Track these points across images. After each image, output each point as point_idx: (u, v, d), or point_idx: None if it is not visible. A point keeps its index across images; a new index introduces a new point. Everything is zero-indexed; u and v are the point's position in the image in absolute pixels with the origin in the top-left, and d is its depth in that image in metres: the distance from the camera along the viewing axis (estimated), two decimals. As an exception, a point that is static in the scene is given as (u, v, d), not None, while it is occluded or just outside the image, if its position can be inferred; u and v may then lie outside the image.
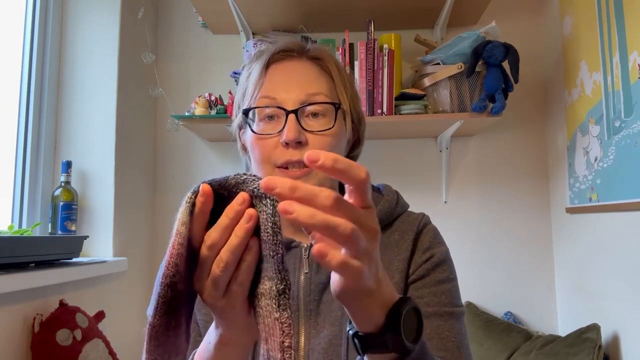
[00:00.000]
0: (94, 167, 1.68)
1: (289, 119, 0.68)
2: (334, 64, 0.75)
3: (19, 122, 1.57)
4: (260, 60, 0.74)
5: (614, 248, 1.45)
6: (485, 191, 1.95)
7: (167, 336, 0.42)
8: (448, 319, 0.68)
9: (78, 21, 1.73)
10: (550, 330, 1.82)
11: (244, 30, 1.95)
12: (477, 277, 1.88)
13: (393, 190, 0.79)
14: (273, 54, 0.74)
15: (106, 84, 1.71)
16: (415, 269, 0.71)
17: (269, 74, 0.73)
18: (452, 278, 0.72)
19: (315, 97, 0.70)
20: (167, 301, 0.41)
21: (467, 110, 1.69)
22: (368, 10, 1.82)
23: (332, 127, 0.70)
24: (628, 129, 1.34)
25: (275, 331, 0.40)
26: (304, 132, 0.69)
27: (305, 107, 0.70)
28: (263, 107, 0.71)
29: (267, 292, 0.41)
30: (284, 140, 0.68)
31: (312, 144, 0.69)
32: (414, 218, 0.77)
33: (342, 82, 0.75)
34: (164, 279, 0.40)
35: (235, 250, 0.42)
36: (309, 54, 0.75)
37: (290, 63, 0.74)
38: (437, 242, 0.75)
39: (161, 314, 0.41)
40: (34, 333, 1.18)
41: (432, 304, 0.69)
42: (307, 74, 0.73)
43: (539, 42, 1.97)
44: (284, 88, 0.70)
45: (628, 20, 1.34)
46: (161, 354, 0.41)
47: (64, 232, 1.54)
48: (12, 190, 1.54)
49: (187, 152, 2.03)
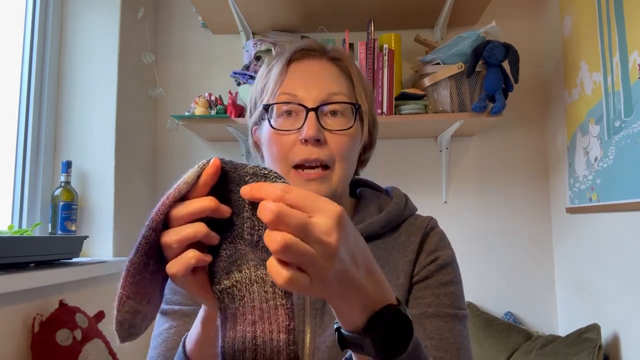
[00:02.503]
0: (94, 167, 1.68)
1: (309, 117, 0.69)
2: (354, 66, 0.76)
3: (19, 122, 1.57)
4: (282, 58, 0.74)
5: (614, 248, 1.45)
6: (485, 191, 1.95)
7: (143, 277, 0.42)
8: (449, 320, 0.68)
9: (78, 21, 1.73)
10: (550, 330, 1.82)
11: (244, 30, 1.95)
12: (477, 277, 1.88)
13: (402, 194, 0.80)
14: (295, 52, 0.75)
15: (106, 83, 1.71)
16: (420, 270, 0.72)
17: (290, 71, 0.73)
18: (456, 281, 0.72)
19: (336, 97, 0.71)
20: (149, 243, 0.42)
21: (467, 110, 1.69)
22: (368, 10, 1.82)
23: (351, 127, 0.71)
24: (628, 129, 1.34)
25: (278, 316, 0.41)
26: (323, 130, 0.69)
27: (324, 106, 0.70)
28: (283, 102, 0.71)
29: (260, 280, 0.42)
30: (304, 137, 0.68)
31: (331, 143, 0.69)
32: (422, 221, 0.77)
33: (362, 85, 0.75)
34: (151, 223, 0.41)
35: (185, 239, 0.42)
36: (329, 54, 0.76)
37: (311, 62, 0.75)
38: (443, 245, 0.75)
39: (141, 254, 0.41)
40: (34, 333, 1.18)
41: (433, 304, 0.69)
42: (327, 74, 0.73)
43: (539, 42, 1.97)
44: (305, 86, 0.71)
45: (628, 20, 1.34)
46: (134, 293, 0.42)
47: (64, 232, 1.54)
48: (12, 190, 1.54)
49: (187, 152, 2.03)
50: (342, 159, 0.70)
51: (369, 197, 0.80)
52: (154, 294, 0.45)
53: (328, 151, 0.69)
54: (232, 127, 1.76)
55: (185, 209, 0.42)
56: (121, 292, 0.41)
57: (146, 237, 0.41)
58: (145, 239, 0.41)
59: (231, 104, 1.71)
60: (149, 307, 0.44)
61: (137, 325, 0.43)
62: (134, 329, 0.43)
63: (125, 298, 0.41)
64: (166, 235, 0.42)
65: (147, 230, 0.42)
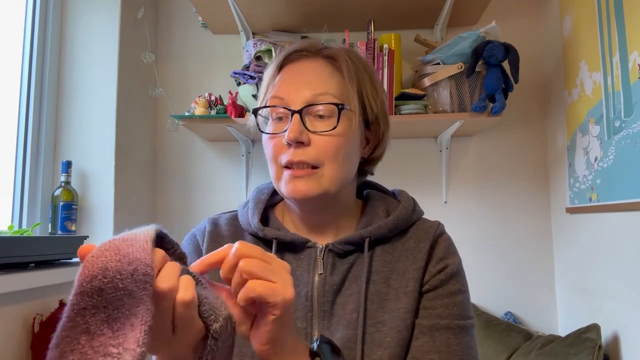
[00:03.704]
0: (94, 167, 1.68)
1: (293, 119, 0.68)
2: (348, 63, 0.73)
3: (19, 122, 1.57)
4: (275, 62, 0.74)
5: (614, 248, 1.45)
6: (485, 191, 1.95)
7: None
8: (458, 333, 0.68)
9: (78, 21, 1.73)
10: (550, 330, 1.82)
11: (244, 30, 1.95)
12: (477, 277, 1.88)
13: (409, 197, 0.79)
14: (288, 54, 0.74)
15: (106, 84, 1.71)
16: (429, 278, 0.71)
17: (282, 74, 0.73)
18: (464, 290, 0.73)
19: (321, 98, 0.69)
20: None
21: (467, 110, 1.69)
22: (368, 10, 1.82)
23: (335, 128, 0.69)
24: (628, 129, 1.34)
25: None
26: (307, 132, 0.68)
27: (312, 107, 0.69)
28: (271, 106, 0.71)
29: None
30: (285, 140, 0.68)
31: (316, 145, 0.68)
32: (430, 226, 0.76)
33: (355, 82, 0.72)
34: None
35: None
36: (323, 53, 0.74)
37: (304, 63, 0.73)
38: (451, 252, 0.75)
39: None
40: (34, 333, 1.18)
41: (444, 316, 0.69)
42: (317, 74, 0.72)
43: (539, 42, 1.97)
44: (294, 88, 0.70)
45: (628, 20, 1.34)
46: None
47: (64, 232, 1.54)
48: (12, 190, 1.54)
49: (187, 152, 2.03)
50: (330, 159, 0.68)
51: (376, 199, 0.79)
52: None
53: (314, 153, 0.68)
54: (232, 127, 1.76)
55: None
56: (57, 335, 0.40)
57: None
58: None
59: (231, 104, 1.71)
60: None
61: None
62: None
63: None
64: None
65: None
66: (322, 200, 0.70)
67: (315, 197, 0.68)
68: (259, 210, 0.76)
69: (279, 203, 0.81)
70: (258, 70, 1.67)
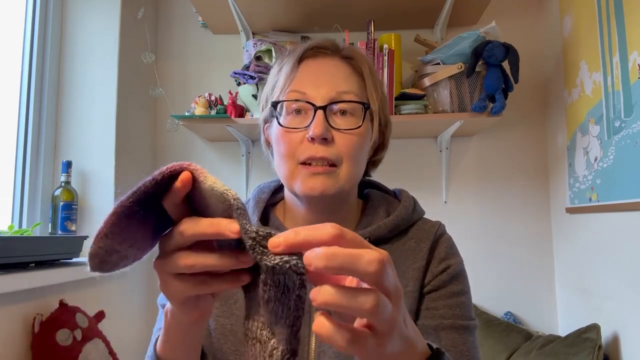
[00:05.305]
0: (94, 167, 1.68)
1: (317, 115, 0.68)
2: (366, 65, 0.75)
3: (19, 122, 1.57)
4: (294, 55, 0.74)
5: (614, 248, 1.45)
6: (485, 191, 1.95)
7: (129, 222, 0.40)
8: (463, 332, 0.68)
9: (78, 21, 1.73)
10: (550, 330, 1.82)
11: (244, 30, 1.95)
12: (477, 277, 1.87)
13: (410, 196, 0.79)
14: (306, 49, 0.74)
15: (106, 84, 1.71)
16: (431, 279, 0.71)
17: (301, 69, 0.72)
18: (467, 291, 0.73)
19: (345, 96, 0.70)
20: (147, 193, 0.40)
21: (467, 110, 1.69)
22: (368, 10, 1.82)
23: (360, 126, 0.69)
24: (628, 129, 1.34)
25: None
26: (330, 129, 0.68)
27: (333, 105, 0.69)
28: (292, 100, 0.70)
29: (263, 342, 0.40)
30: (311, 135, 0.67)
31: (338, 142, 0.68)
32: (431, 226, 0.76)
33: (373, 84, 0.74)
34: (158, 175, 0.40)
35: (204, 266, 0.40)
36: (341, 53, 0.75)
37: (323, 60, 0.74)
38: (453, 252, 0.75)
39: (133, 200, 0.39)
40: (34, 333, 1.18)
41: (447, 316, 0.69)
42: (338, 72, 0.72)
43: (539, 42, 1.97)
44: (315, 84, 0.70)
45: (628, 20, 1.35)
46: (114, 233, 0.40)
47: (64, 232, 1.54)
48: (12, 190, 1.54)
49: (187, 152, 2.03)
50: (350, 158, 0.69)
51: (376, 199, 0.79)
52: (140, 240, 0.43)
53: (335, 150, 0.68)
54: (232, 127, 1.76)
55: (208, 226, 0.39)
56: (101, 227, 0.39)
57: (146, 186, 0.39)
58: (144, 187, 0.39)
59: (231, 104, 1.71)
60: (131, 250, 0.42)
61: (111, 262, 0.41)
62: (106, 265, 0.41)
63: (103, 235, 0.39)
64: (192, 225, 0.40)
65: (149, 181, 0.40)
66: (337, 198, 0.70)
67: (332, 195, 0.68)
68: (259, 209, 0.76)
69: (279, 202, 0.81)
70: (258, 70, 1.67)
